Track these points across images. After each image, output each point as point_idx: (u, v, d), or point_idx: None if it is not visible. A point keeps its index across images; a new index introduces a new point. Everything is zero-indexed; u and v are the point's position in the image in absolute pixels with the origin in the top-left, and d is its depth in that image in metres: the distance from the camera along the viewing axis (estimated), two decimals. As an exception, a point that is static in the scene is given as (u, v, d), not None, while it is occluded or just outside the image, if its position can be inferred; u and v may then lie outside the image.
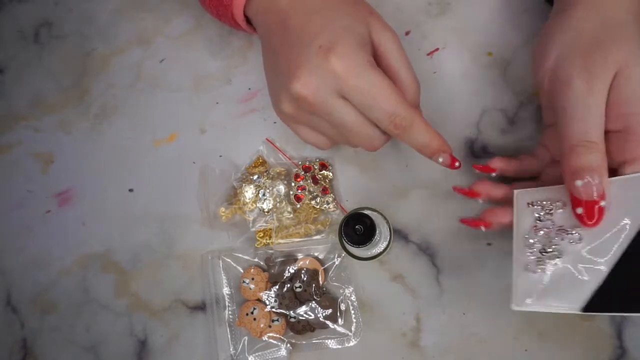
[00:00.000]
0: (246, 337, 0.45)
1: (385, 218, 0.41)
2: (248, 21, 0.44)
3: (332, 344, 0.44)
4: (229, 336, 0.45)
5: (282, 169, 0.47)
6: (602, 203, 0.33)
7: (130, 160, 0.51)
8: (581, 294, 0.32)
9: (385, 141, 0.40)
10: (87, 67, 0.54)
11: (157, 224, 0.49)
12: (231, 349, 0.45)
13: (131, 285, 0.49)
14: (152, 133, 0.51)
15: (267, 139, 0.49)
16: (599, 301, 0.32)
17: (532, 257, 0.35)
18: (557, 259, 0.34)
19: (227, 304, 0.46)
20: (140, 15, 0.53)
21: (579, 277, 0.33)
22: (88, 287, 0.50)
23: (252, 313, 0.45)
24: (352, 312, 0.44)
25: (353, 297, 0.44)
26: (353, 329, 0.44)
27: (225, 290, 0.46)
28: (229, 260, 0.47)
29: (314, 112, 0.37)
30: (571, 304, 0.32)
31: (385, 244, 0.41)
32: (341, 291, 0.45)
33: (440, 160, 0.38)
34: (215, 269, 0.47)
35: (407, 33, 0.49)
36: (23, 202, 0.53)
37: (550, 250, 0.34)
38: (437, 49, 0.48)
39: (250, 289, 0.45)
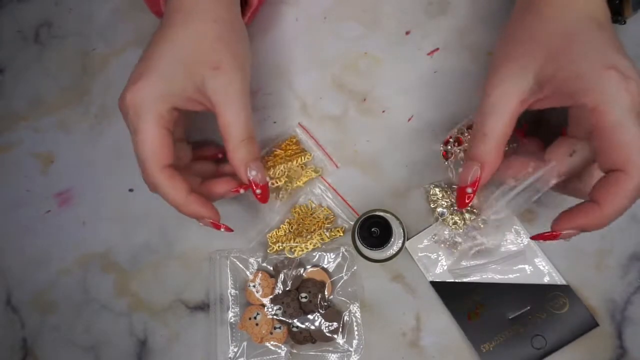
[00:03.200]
0: (246, 342, 0.45)
1: (398, 219, 0.41)
2: None
3: (332, 358, 0.44)
4: (230, 338, 0.45)
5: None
6: (469, 190, 0.36)
7: (130, 160, 0.51)
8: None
9: (186, 204, 0.38)
10: (87, 67, 0.54)
11: (157, 224, 0.49)
12: (230, 352, 0.45)
13: (131, 285, 0.49)
14: (152, 133, 0.51)
15: (299, 124, 0.48)
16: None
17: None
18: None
19: (230, 305, 0.46)
20: (140, 15, 0.53)
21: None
22: (88, 287, 0.50)
23: (255, 318, 0.44)
24: (356, 328, 0.44)
25: (358, 314, 0.44)
26: (355, 345, 0.44)
27: (230, 291, 0.46)
28: (236, 261, 0.47)
29: None
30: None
31: (399, 245, 0.41)
32: (347, 306, 0.44)
33: (201, 224, 0.40)
34: (222, 268, 0.47)
35: (407, 33, 0.49)
36: (23, 202, 0.53)
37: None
38: (437, 49, 0.48)
39: (256, 293, 0.45)
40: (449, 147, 0.43)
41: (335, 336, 0.43)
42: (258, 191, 0.39)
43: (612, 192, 0.31)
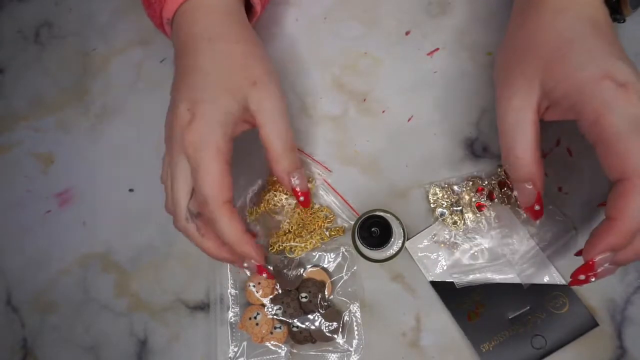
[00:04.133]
0: (246, 341, 0.45)
1: (397, 219, 0.41)
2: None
3: (332, 357, 0.44)
4: (230, 338, 0.45)
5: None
6: (537, 207, 0.37)
7: (130, 160, 0.51)
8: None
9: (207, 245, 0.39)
10: (87, 67, 0.54)
11: (157, 223, 0.49)
12: (230, 352, 0.45)
13: (131, 285, 0.49)
14: (152, 133, 0.51)
15: None
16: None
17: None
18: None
19: (230, 304, 0.46)
20: (140, 15, 0.53)
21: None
22: (88, 287, 0.50)
23: (255, 318, 0.44)
24: (356, 328, 0.44)
25: (358, 314, 0.44)
26: (355, 345, 0.44)
27: (230, 291, 0.46)
28: None
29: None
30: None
31: (399, 245, 0.41)
32: (347, 306, 0.44)
33: (245, 264, 0.39)
34: (222, 268, 0.47)
35: (407, 33, 0.49)
36: (23, 202, 0.53)
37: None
38: (437, 49, 0.48)
39: (256, 293, 0.45)
40: (483, 199, 0.43)
41: (335, 336, 0.43)
42: (301, 198, 0.41)
43: (623, 204, 0.31)
